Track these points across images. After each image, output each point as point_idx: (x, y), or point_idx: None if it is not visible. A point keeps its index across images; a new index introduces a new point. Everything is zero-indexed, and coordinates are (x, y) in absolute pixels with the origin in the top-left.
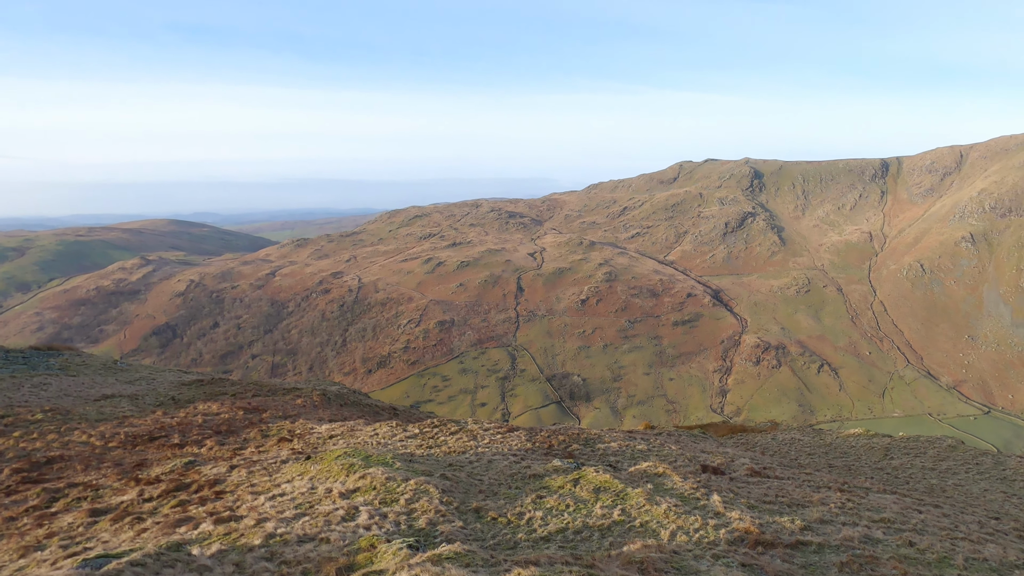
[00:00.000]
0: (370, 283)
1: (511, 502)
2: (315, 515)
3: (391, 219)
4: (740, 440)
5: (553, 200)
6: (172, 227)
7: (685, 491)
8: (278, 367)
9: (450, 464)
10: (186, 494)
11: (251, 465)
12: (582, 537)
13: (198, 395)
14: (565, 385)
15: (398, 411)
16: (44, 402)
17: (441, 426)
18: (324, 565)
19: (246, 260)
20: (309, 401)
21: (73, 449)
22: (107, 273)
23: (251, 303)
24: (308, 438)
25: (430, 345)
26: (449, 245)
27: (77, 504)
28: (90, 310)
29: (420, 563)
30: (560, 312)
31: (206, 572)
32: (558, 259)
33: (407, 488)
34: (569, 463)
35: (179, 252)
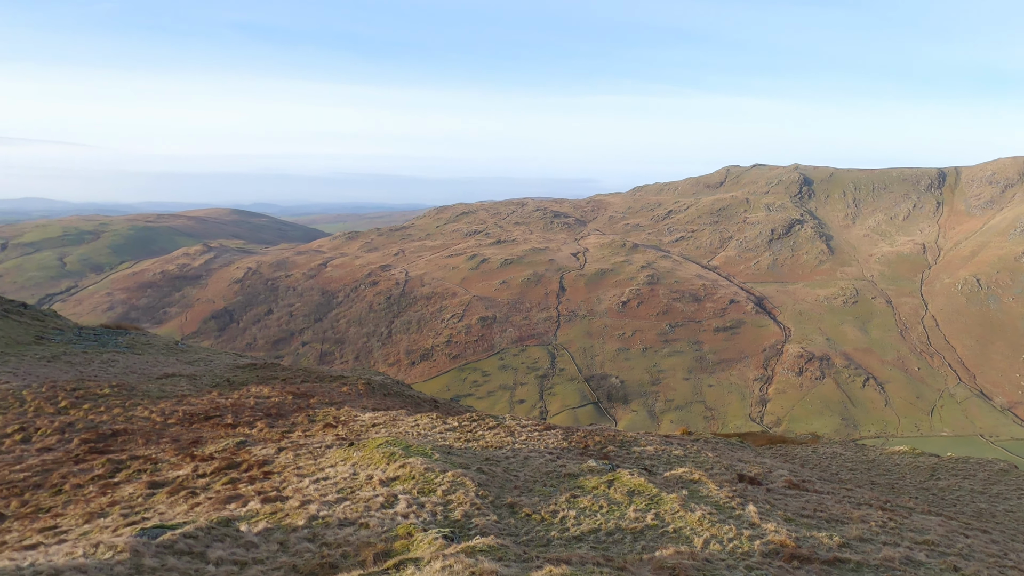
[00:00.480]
0: (416, 277)
1: (545, 500)
2: (356, 500)
3: (439, 215)
4: (779, 451)
5: (598, 201)
6: (233, 216)
7: (720, 499)
8: (326, 355)
9: (487, 458)
10: (237, 472)
11: (298, 448)
12: (614, 539)
13: (251, 378)
14: (603, 386)
15: (438, 403)
16: (112, 378)
17: (480, 420)
18: (363, 549)
19: (300, 250)
20: (354, 389)
21: (136, 423)
22: (172, 258)
23: (303, 292)
24: (352, 425)
25: (472, 340)
26: (494, 242)
27: (138, 476)
28: (156, 292)
29: (454, 554)
30: (601, 313)
31: (252, 549)
32: (600, 260)
33: (444, 479)
34: (604, 464)
35: (239, 240)
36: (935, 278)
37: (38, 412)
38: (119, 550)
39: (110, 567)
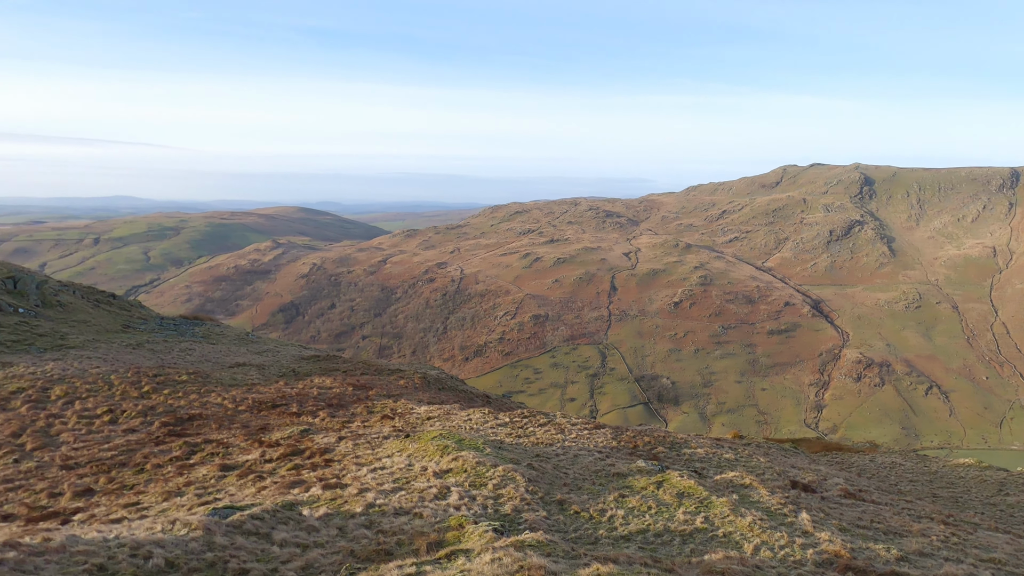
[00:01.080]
0: (471, 274)
1: (594, 498)
2: (411, 490)
3: (493, 214)
4: (834, 459)
5: (650, 201)
6: (300, 214)
7: (772, 506)
8: (384, 349)
9: (537, 455)
10: (300, 459)
11: (357, 438)
12: (662, 540)
13: (315, 369)
14: (654, 387)
15: (491, 399)
16: (189, 365)
17: (531, 417)
18: (416, 538)
19: (362, 247)
20: (411, 383)
21: (210, 409)
22: (244, 253)
23: (364, 287)
24: (408, 417)
25: (524, 338)
26: (547, 241)
27: (211, 458)
28: (229, 286)
29: (504, 547)
30: (652, 313)
31: (313, 532)
32: (653, 260)
33: (495, 474)
34: (653, 465)
35: (305, 237)
36: (1006, 283)
37: (124, 395)
38: (193, 528)
39: (185, 543)
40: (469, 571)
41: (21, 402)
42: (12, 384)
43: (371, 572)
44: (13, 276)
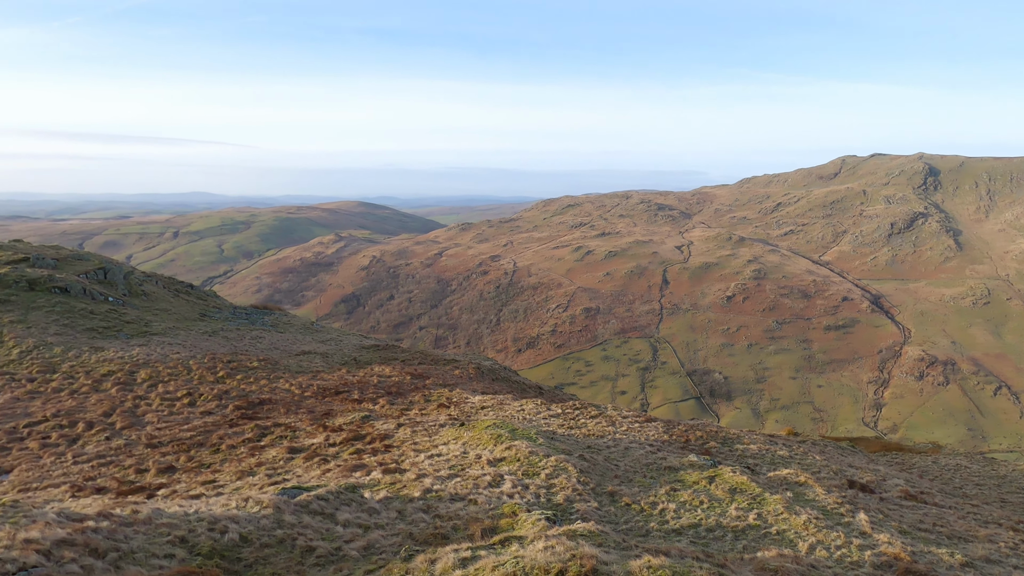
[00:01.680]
0: (524, 267)
1: (645, 491)
2: (465, 477)
3: (546, 207)
4: (894, 459)
5: (703, 194)
6: (360, 208)
7: (828, 505)
8: (440, 339)
9: (588, 446)
10: (361, 444)
11: (414, 425)
12: (714, 536)
13: (375, 358)
14: (706, 381)
15: (543, 390)
16: (259, 352)
17: (582, 409)
18: (471, 524)
19: (419, 240)
20: (465, 373)
21: (278, 394)
22: (309, 246)
23: (421, 279)
24: (463, 406)
25: (576, 330)
26: (599, 235)
27: (279, 441)
28: (295, 277)
29: (556, 536)
30: (704, 307)
31: (374, 514)
32: (705, 253)
33: (548, 464)
34: (705, 460)
35: (365, 231)
36: None
37: (201, 380)
38: (264, 505)
39: (257, 519)
40: (522, 557)
41: (111, 384)
42: (103, 367)
43: (428, 555)
44: (104, 267)
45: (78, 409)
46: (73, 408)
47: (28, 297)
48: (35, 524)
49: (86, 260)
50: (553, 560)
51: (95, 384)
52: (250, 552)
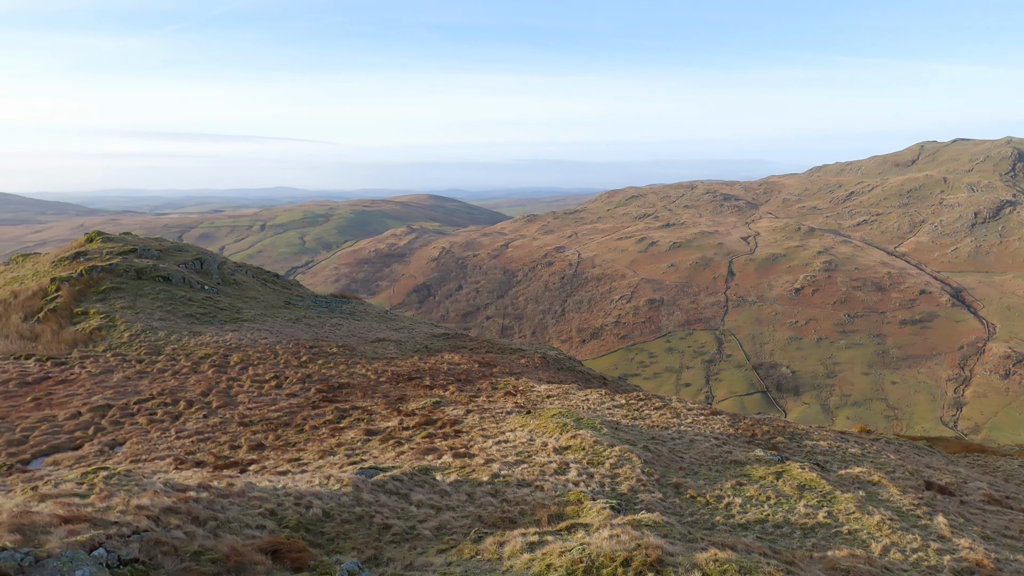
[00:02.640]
0: (588, 258)
1: (710, 484)
2: (532, 464)
3: (610, 199)
4: (976, 461)
5: (771, 183)
6: (430, 201)
7: (903, 506)
8: (506, 329)
9: (653, 437)
10: (433, 428)
11: (482, 412)
12: (782, 532)
13: (444, 346)
14: (772, 375)
15: (607, 381)
16: (338, 339)
17: (646, 400)
18: (538, 510)
19: (486, 232)
20: (531, 362)
21: (356, 379)
22: (383, 238)
23: (488, 270)
24: (529, 395)
25: (639, 322)
26: (663, 226)
27: (357, 423)
28: (370, 268)
29: (621, 524)
30: (772, 300)
31: (445, 496)
32: (772, 244)
33: (612, 453)
34: (772, 455)
35: (435, 223)
36: None
37: (286, 364)
38: (344, 484)
39: (337, 496)
40: (588, 544)
41: (208, 366)
42: (201, 350)
43: (497, 537)
44: (200, 258)
45: (180, 388)
46: (175, 387)
47: (136, 285)
48: (145, 492)
49: (185, 251)
50: (619, 549)
51: (194, 366)
52: (332, 527)
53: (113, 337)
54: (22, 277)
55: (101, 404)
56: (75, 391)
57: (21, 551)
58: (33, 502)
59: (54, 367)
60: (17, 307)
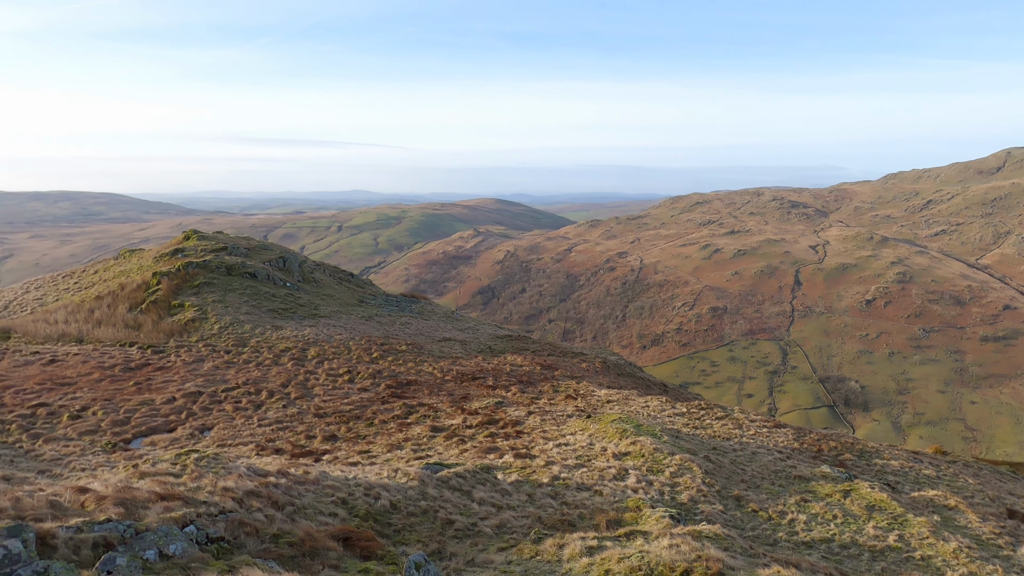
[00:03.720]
0: (650, 264)
1: (773, 498)
2: (591, 468)
3: (673, 205)
4: None
5: (842, 190)
6: (496, 205)
7: (983, 534)
8: (568, 332)
9: (714, 448)
10: (495, 428)
11: (543, 414)
12: (849, 553)
13: (507, 348)
14: (840, 389)
15: (668, 388)
16: (407, 337)
17: (708, 409)
18: (597, 514)
19: (549, 236)
20: (592, 366)
21: (423, 377)
22: (451, 241)
23: (551, 274)
24: (589, 399)
25: (701, 329)
26: (727, 233)
27: (423, 420)
28: (438, 269)
29: (681, 535)
30: (840, 311)
31: (506, 495)
32: (842, 254)
33: (672, 462)
34: (840, 472)
35: (500, 227)
36: None
37: (359, 360)
38: (411, 478)
39: (404, 490)
40: (647, 553)
41: (288, 359)
42: (282, 344)
43: (557, 539)
44: (283, 256)
45: (262, 379)
46: (258, 378)
47: (226, 280)
48: (231, 475)
49: (269, 250)
50: (678, 559)
51: (275, 358)
52: (398, 519)
53: (205, 328)
54: (128, 271)
55: (193, 391)
56: (171, 378)
57: (124, 523)
58: (134, 479)
59: (153, 355)
60: (124, 298)
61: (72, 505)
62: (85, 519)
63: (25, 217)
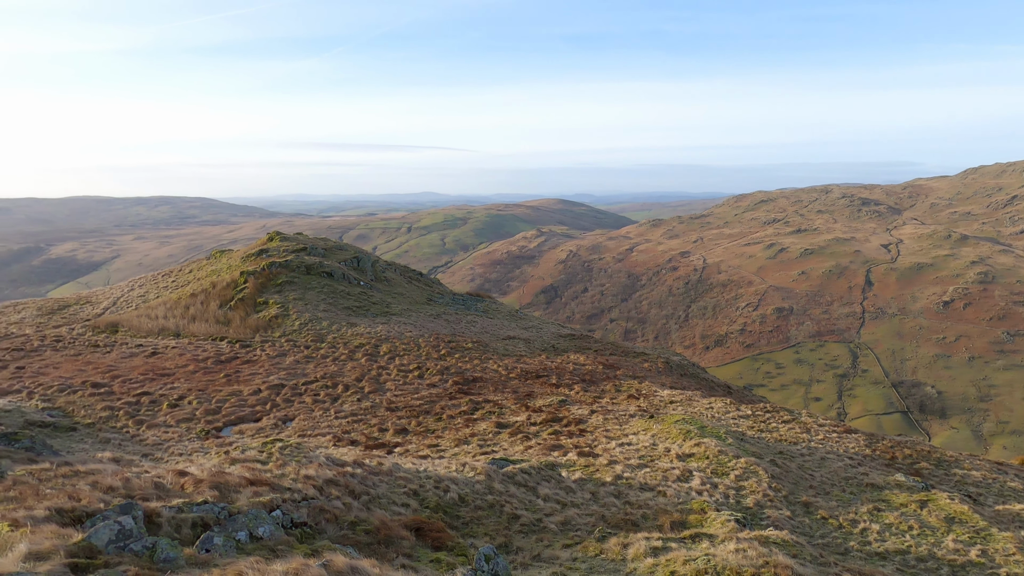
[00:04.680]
0: (713, 264)
1: (844, 506)
2: (655, 469)
3: (737, 203)
4: None
5: (916, 187)
6: (559, 205)
7: None
8: (630, 332)
9: (780, 452)
10: (559, 426)
11: (606, 413)
12: (926, 567)
13: (570, 347)
14: (915, 395)
15: (731, 390)
16: (473, 335)
17: (774, 412)
18: (660, 515)
19: (611, 236)
20: (654, 366)
21: (488, 374)
22: (514, 241)
23: (612, 274)
24: (652, 399)
25: (766, 331)
26: (793, 231)
27: (489, 416)
28: (502, 269)
29: (748, 539)
30: (915, 313)
31: (570, 493)
32: (917, 253)
33: (737, 465)
34: (916, 482)
35: (563, 227)
36: None
37: (427, 356)
38: (478, 472)
39: (472, 483)
40: (713, 556)
41: (362, 355)
42: (356, 340)
43: (621, 538)
44: (357, 256)
45: (338, 373)
46: (335, 372)
47: (305, 279)
48: (312, 464)
49: (345, 250)
50: (745, 564)
51: (350, 354)
52: (466, 512)
53: (286, 325)
54: (219, 270)
55: (276, 383)
56: (256, 371)
57: (219, 505)
58: (226, 464)
59: (241, 349)
60: (215, 296)
61: (173, 487)
62: (185, 500)
63: (130, 220)
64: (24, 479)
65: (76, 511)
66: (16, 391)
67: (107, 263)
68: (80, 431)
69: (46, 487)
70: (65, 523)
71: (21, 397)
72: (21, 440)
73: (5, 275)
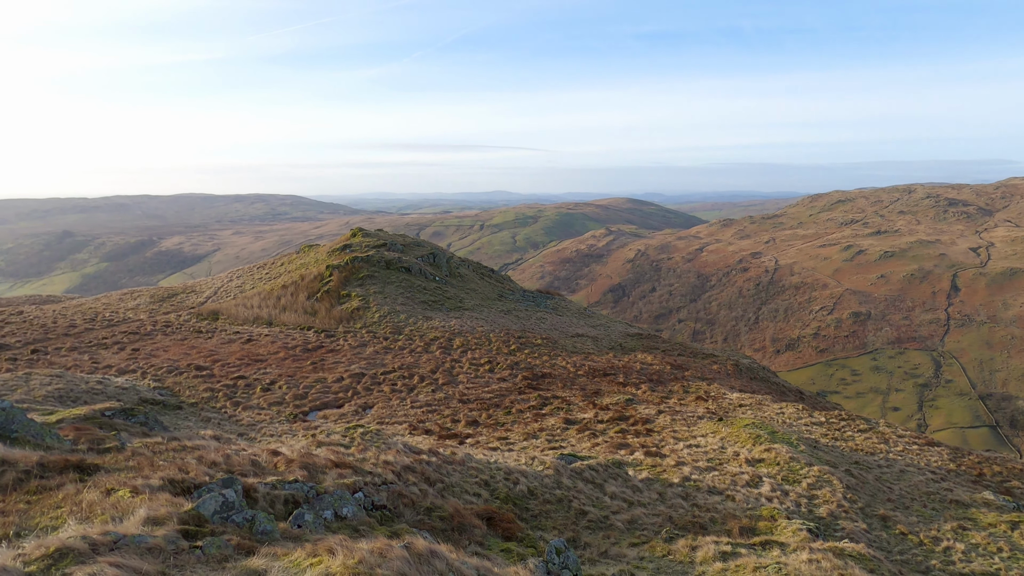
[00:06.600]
0: (786, 266)
1: (925, 522)
2: (723, 472)
3: (812, 203)
4: None
5: (1011, 186)
6: (628, 204)
7: None
8: (698, 333)
9: (856, 462)
10: (625, 425)
11: (673, 414)
12: None
13: (638, 346)
14: (1005, 409)
15: (804, 395)
16: (542, 332)
17: (849, 420)
18: (729, 520)
19: (680, 236)
20: (723, 369)
21: (556, 370)
22: (583, 239)
23: (681, 274)
24: (721, 402)
25: (841, 336)
26: (872, 233)
27: (557, 412)
28: (571, 267)
29: (822, 550)
30: (1007, 321)
31: (637, 492)
32: (1010, 257)
33: (810, 473)
34: (1006, 501)
35: (632, 226)
36: None
37: (498, 351)
38: (547, 466)
39: (540, 477)
40: (785, 565)
41: (436, 347)
42: (431, 333)
43: (689, 541)
44: (433, 252)
45: (414, 365)
46: (411, 363)
47: (385, 274)
48: (390, 450)
49: (421, 246)
50: (818, 575)
51: (425, 346)
52: (535, 505)
53: (367, 317)
54: (307, 264)
55: (357, 372)
56: (339, 359)
57: (308, 484)
58: (313, 447)
59: (326, 338)
60: (304, 288)
61: (267, 465)
62: (278, 478)
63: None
64: (141, 451)
65: (185, 482)
66: (132, 371)
67: (209, 255)
68: (185, 409)
69: (159, 459)
70: (176, 493)
71: (136, 376)
72: (137, 415)
73: (124, 266)
